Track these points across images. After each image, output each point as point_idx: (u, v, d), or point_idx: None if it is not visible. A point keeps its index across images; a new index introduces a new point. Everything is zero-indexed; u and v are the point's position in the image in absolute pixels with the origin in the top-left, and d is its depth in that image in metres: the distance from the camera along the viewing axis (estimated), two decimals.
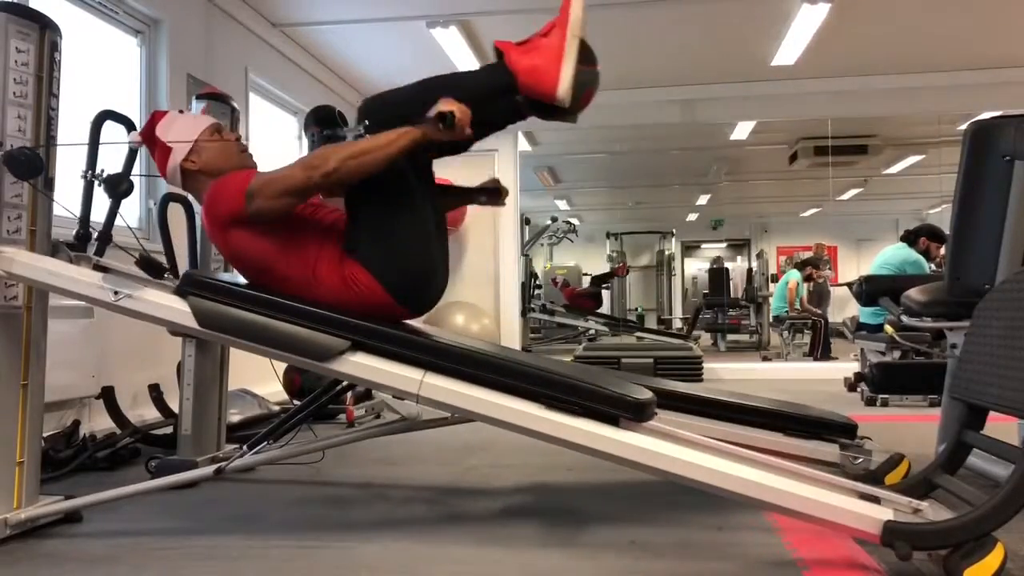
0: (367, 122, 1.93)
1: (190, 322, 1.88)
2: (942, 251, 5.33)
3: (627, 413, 1.73)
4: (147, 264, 1.95)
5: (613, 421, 1.73)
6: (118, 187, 1.99)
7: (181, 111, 2.16)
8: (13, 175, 1.89)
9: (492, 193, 2.29)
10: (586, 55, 1.87)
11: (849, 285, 4.87)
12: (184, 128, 2.05)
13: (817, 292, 8.76)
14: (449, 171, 7.24)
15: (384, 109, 1.96)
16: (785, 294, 8.33)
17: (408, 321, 2.05)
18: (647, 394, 1.81)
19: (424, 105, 1.83)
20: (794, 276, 8.45)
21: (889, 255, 5.32)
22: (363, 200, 1.93)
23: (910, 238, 5.37)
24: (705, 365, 6.19)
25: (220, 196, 1.93)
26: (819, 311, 8.17)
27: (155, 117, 2.09)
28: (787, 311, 8.23)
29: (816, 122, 7.36)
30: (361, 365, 1.84)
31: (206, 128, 2.07)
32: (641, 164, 9.41)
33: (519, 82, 1.85)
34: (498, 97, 1.90)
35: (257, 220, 1.89)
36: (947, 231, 2.32)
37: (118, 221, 2.02)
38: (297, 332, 1.85)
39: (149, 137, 2.06)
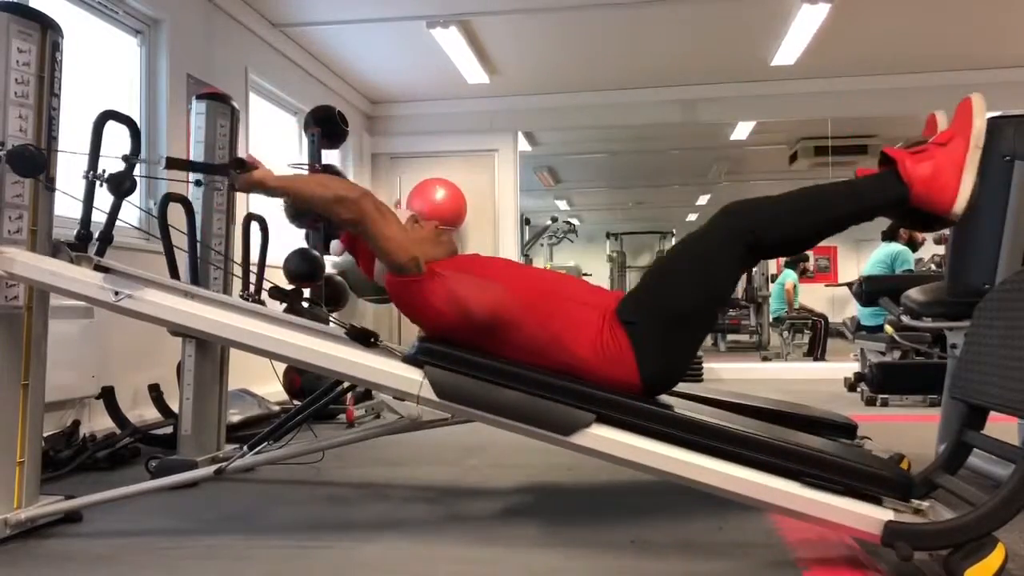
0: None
1: (428, 393, 1.83)
2: (924, 234, 5.51)
3: (893, 493, 1.66)
4: (358, 335, 1.94)
5: (877, 501, 1.66)
6: (121, 186, 2.00)
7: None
8: (16, 172, 1.89)
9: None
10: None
11: (849, 285, 4.90)
12: None
13: None
14: (451, 172, 7.23)
15: (759, 215, 1.87)
16: (783, 295, 8.31)
17: None
18: (910, 476, 1.76)
19: (802, 216, 1.85)
20: (790, 277, 8.42)
21: (878, 255, 5.52)
22: (680, 282, 1.87)
23: (890, 234, 5.54)
24: (705, 365, 6.20)
25: (400, 296, 1.94)
26: (819, 311, 8.16)
27: None
28: (786, 311, 8.21)
29: (816, 122, 7.35)
30: (610, 441, 1.75)
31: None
32: (641, 164, 9.40)
33: (912, 192, 1.76)
34: (886, 207, 1.83)
35: (421, 263, 1.89)
36: (947, 231, 2.32)
37: (128, 221, 2.02)
38: (543, 406, 1.78)
39: (351, 241, 2.09)
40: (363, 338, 1.94)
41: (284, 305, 2.25)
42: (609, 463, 1.78)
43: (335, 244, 2.15)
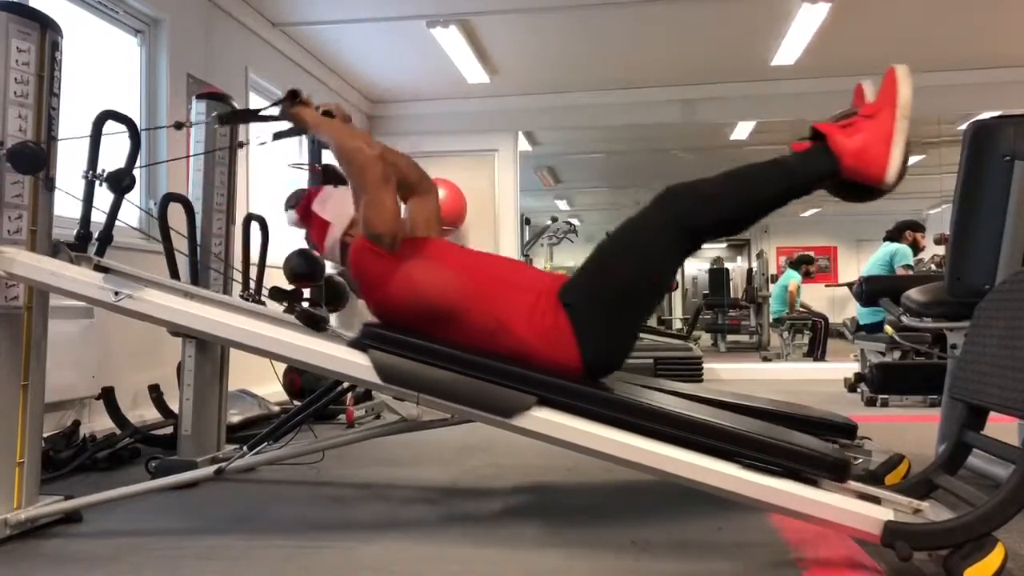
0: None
1: (371, 377, 1.84)
2: (925, 239, 5.59)
3: (830, 474, 1.67)
4: (308, 318, 1.92)
5: (813, 482, 1.67)
6: (121, 183, 1.99)
7: (336, 186, 2.16)
8: (16, 170, 1.88)
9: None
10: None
11: (849, 285, 4.90)
12: (340, 202, 2.06)
13: None
14: (450, 172, 7.21)
15: (694, 198, 1.88)
16: (785, 297, 8.29)
17: None
18: (846, 455, 1.76)
19: (738, 197, 1.87)
20: (793, 278, 8.40)
21: (879, 255, 5.58)
22: (618, 263, 1.88)
23: (894, 235, 5.61)
24: (705, 365, 6.19)
25: (361, 263, 1.94)
26: (819, 312, 8.16)
27: (311, 194, 2.10)
28: (786, 312, 8.20)
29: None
30: (553, 423, 1.76)
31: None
32: (641, 164, 9.40)
33: (843, 165, 1.79)
34: (819, 181, 1.85)
35: (396, 242, 1.89)
36: (947, 231, 2.32)
37: (128, 220, 2.02)
38: (484, 388, 1.79)
39: (305, 213, 2.08)
40: (313, 323, 1.94)
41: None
42: (610, 463, 1.78)
43: (290, 214, 2.14)
